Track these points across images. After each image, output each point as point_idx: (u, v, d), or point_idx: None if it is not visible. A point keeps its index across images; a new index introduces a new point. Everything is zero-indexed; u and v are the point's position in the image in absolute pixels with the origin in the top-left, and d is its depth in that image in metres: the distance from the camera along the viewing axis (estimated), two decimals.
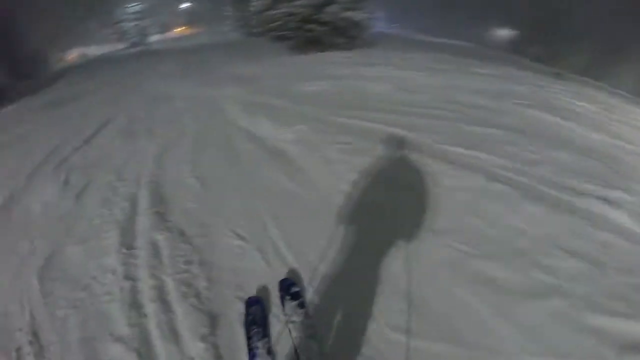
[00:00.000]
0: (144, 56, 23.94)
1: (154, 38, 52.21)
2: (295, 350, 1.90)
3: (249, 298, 2.26)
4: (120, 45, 44.04)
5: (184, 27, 55.34)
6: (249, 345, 1.99)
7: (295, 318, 2.05)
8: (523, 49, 44.81)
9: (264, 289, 2.51)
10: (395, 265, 2.74)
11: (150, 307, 2.63)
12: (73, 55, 61.94)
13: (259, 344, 1.94)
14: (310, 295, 2.44)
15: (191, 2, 51.88)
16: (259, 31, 30.83)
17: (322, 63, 11.73)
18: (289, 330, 2.00)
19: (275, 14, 15.28)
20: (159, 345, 2.32)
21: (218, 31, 46.26)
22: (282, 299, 2.24)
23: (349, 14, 15.00)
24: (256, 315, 2.09)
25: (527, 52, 43.21)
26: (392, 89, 7.27)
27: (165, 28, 55.79)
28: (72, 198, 4.33)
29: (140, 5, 37.31)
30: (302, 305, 2.16)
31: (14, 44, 26.35)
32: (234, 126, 6.03)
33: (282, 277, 2.47)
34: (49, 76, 24.61)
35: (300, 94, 7.34)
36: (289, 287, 2.27)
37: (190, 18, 51.79)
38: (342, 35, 15.79)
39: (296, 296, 2.22)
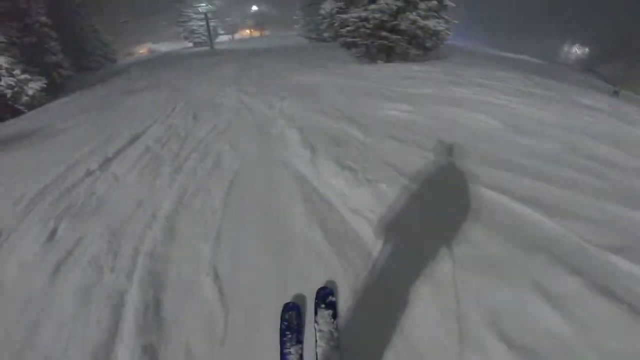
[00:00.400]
0: (206, 56, 23.19)
1: (222, 38, 53.86)
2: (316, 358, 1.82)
3: (286, 304, 2.06)
4: (188, 44, 45.05)
5: (251, 30, 55.89)
6: (281, 350, 1.88)
7: (324, 327, 1.91)
8: (592, 67, 41.91)
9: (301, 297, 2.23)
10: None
11: None
12: (143, 50, 64.70)
13: (292, 350, 1.87)
14: (343, 308, 2.14)
15: (259, 5, 51.72)
16: (327, 36, 29.32)
17: (399, 77, 9.60)
18: (315, 339, 1.89)
19: (347, 19, 13.32)
20: None
21: (285, 35, 46.35)
22: (317, 306, 2.04)
23: (428, 22, 12.74)
24: (291, 322, 1.98)
25: (596, 70, 40.08)
26: (502, 127, 5.01)
27: (233, 30, 56.66)
28: (50, 267, 2.82)
29: (208, 6, 36.48)
30: (334, 316, 2.00)
31: (81, 37, 27.23)
32: (291, 180, 3.80)
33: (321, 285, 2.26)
34: (114, 69, 24.99)
35: (377, 121, 5.43)
36: (326, 297, 2.10)
37: (258, 21, 51.59)
38: (418, 46, 13.67)
39: (330, 306, 2.05)
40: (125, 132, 6.09)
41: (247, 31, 55.36)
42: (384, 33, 12.99)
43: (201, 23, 39.15)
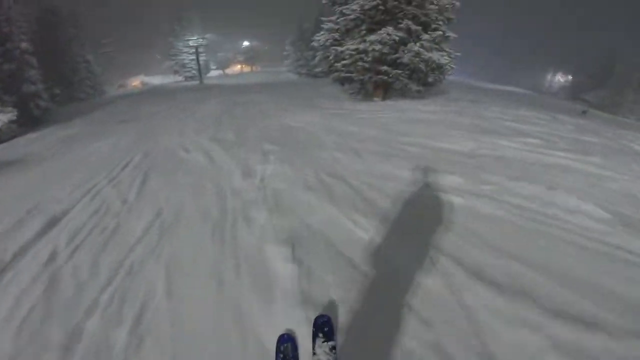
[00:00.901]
0: (193, 92, 21.52)
1: (213, 73, 52.87)
2: None
3: (281, 335, 1.88)
4: (179, 77, 43.67)
5: (242, 65, 54.97)
6: None
7: (322, 358, 1.77)
8: (578, 94, 41.52)
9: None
10: None
11: None
12: (136, 82, 63.64)
13: None
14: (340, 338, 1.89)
15: (251, 41, 51.04)
16: (318, 72, 28.02)
17: (410, 121, 7.79)
18: None
19: (343, 51, 11.61)
20: None
21: (275, 71, 45.34)
22: (315, 336, 1.88)
23: (432, 54, 11.07)
24: (286, 355, 1.81)
25: (583, 98, 39.56)
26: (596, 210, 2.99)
27: (225, 65, 55.71)
28: None
29: (199, 40, 35.21)
30: (333, 348, 1.82)
31: (71, 68, 25.78)
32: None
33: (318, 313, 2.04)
34: (102, 101, 23.36)
35: (428, 221, 3.12)
36: (323, 325, 1.90)
37: (249, 56, 50.66)
38: (418, 81, 11.98)
39: (328, 336, 1.86)
40: (44, 211, 3.97)
41: (239, 66, 54.37)
42: (384, 67, 11.29)
43: (192, 57, 37.72)
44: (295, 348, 1.86)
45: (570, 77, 40.42)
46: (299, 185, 4.06)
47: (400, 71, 11.44)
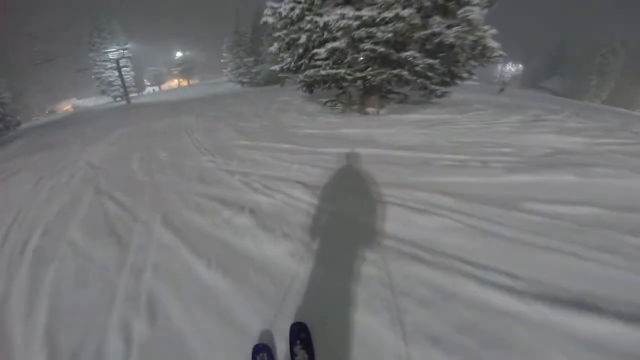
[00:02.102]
0: (112, 117, 16.11)
1: (148, 90, 46.31)
2: None
3: (256, 345, 1.77)
4: (108, 98, 37.03)
5: (180, 80, 48.58)
6: None
7: None
8: (536, 83, 40.68)
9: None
10: None
11: None
12: (67, 106, 55.40)
13: None
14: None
15: (184, 51, 44.64)
16: (260, 79, 23.31)
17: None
18: None
19: (326, 25, 6.76)
20: None
21: (215, 82, 39.70)
22: (292, 344, 1.74)
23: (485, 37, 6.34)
24: None
25: (542, 86, 38.56)
26: None
27: (159, 80, 48.95)
28: None
29: (120, 52, 29.07)
30: (311, 355, 1.69)
31: None
32: None
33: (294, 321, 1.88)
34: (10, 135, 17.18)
35: None
36: (299, 333, 1.78)
37: (185, 68, 44.39)
38: (447, 77, 7.42)
39: (305, 343, 1.73)
40: None
41: (175, 81, 48.00)
42: (409, 54, 6.43)
43: (118, 74, 31.50)
44: (271, 357, 1.72)
45: (520, 66, 38.90)
46: None
47: (434, 61, 6.51)
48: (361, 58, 6.49)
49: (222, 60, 31.68)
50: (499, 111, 6.98)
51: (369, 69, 6.61)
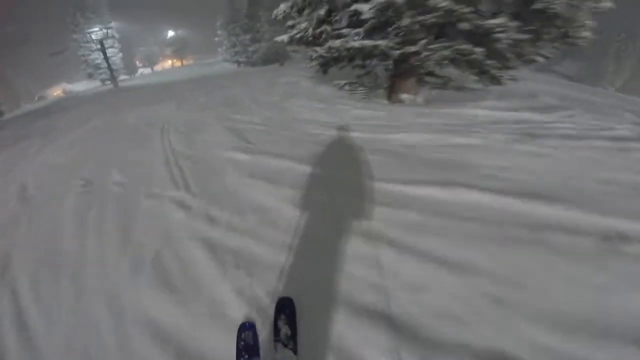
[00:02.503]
0: (97, 102, 13.97)
1: (142, 71, 43.47)
2: None
3: (242, 324, 1.69)
4: (97, 82, 34.43)
5: (174, 60, 45.48)
6: None
7: (284, 339, 1.57)
8: (549, 67, 38.00)
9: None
10: None
11: None
12: (58, 91, 53.00)
13: None
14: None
15: (176, 30, 41.36)
16: (257, 58, 20.85)
17: None
18: (275, 351, 1.55)
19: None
20: None
21: (209, 62, 36.48)
22: (276, 318, 1.68)
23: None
24: (247, 342, 1.63)
25: (556, 70, 36.07)
26: None
27: (152, 61, 45.83)
28: None
29: (103, 31, 26.33)
30: (293, 328, 1.62)
31: None
32: None
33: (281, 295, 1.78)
34: None
35: None
36: (285, 307, 1.70)
37: (177, 47, 41.27)
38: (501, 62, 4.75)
39: (290, 317, 1.67)
40: None
41: (169, 62, 45.03)
42: (495, 21, 4.00)
43: (103, 56, 28.79)
44: (255, 335, 1.66)
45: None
46: None
47: (524, 36, 4.07)
48: (425, 22, 4.19)
49: (216, 39, 28.82)
50: (594, 114, 4.80)
51: (424, 40, 4.38)
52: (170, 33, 40.81)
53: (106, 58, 24.25)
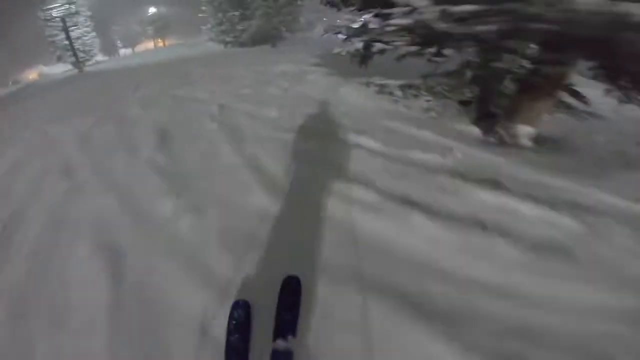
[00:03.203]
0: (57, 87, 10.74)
1: (122, 53, 39.15)
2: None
3: (236, 302, 1.68)
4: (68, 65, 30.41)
5: (157, 41, 40.91)
6: (226, 352, 1.50)
7: (286, 319, 1.53)
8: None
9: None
10: None
11: None
12: (34, 74, 48.43)
13: (239, 348, 1.52)
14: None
15: (157, 6, 36.70)
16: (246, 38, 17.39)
17: None
18: (274, 330, 1.50)
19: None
20: None
21: (194, 43, 31.96)
22: (280, 297, 1.64)
23: None
24: (239, 321, 1.61)
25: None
26: None
27: (133, 41, 41.22)
28: None
29: (66, 7, 22.26)
30: (296, 309, 1.57)
31: None
32: None
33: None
34: None
35: None
36: (291, 286, 1.68)
37: (159, 26, 36.78)
38: None
39: (294, 297, 1.62)
40: None
41: (151, 43, 40.59)
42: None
43: (76, 35, 24.78)
44: (248, 314, 1.65)
45: None
46: None
47: None
48: None
49: (200, 15, 24.84)
50: None
51: None
52: (152, 9, 36.31)
53: (69, 38, 20.46)
